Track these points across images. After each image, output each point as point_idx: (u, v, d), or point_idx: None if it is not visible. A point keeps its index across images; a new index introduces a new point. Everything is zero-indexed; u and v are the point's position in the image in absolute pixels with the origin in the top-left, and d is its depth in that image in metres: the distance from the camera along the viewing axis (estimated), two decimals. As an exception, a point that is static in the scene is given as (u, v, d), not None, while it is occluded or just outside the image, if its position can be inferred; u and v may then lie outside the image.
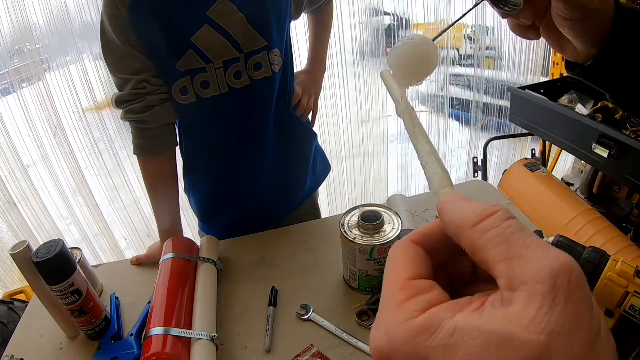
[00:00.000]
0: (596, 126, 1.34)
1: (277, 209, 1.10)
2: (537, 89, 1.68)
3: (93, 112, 1.71)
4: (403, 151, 2.30)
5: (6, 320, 1.31)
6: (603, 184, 1.71)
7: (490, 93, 2.22)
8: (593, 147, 1.35)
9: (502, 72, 2.19)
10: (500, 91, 2.20)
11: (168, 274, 0.79)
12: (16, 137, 1.68)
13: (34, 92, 1.61)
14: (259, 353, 0.73)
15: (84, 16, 1.54)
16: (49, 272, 0.70)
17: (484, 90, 2.21)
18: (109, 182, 1.87)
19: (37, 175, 1.80)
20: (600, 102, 1.57)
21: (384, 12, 1.89)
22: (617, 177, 1.41)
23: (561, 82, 1.75)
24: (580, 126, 1.42)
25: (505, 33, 2.10)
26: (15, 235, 1.78)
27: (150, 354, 0.64)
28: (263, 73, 0.88)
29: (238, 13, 0.81)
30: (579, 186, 1.83)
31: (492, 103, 2.24)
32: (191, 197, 1.09)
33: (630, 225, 1.59)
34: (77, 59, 1.61)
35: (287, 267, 0.91)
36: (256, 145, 0.97)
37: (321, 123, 1.98)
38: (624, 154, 1.27)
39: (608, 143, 1.30)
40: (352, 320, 0.76)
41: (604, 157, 1.33)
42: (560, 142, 1.56)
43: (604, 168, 1.42)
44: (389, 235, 0.76)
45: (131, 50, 0.80)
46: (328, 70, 1.85)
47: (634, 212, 1.61)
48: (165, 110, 0.86)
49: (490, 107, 2.26)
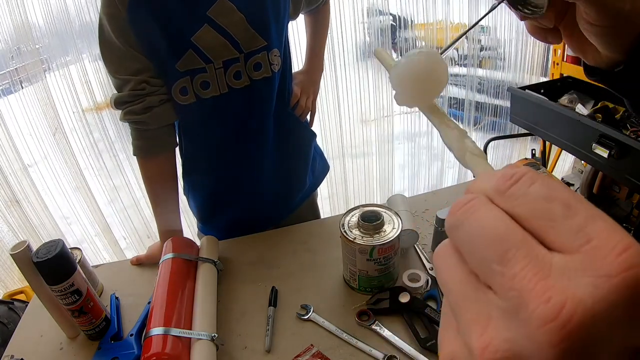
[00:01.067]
0: (596, 126, 1.34)
1: (277, 209, 1.10)
2: (537, 89, 1.68)
3: (92, 113, 1.71)
4: (404, 151, 2.30)
5: (6, 320, 1.31)
6: (603, 184, 1.71)
7: (489, 93, 2.22)
8: (593, 147, 1.35)
9: (501, 72, 2.19)
10: (500, 91, 2.20)
11: (168, 274, 0.79)
12: (17, 137, 1.68)
13: (34, 92, 1.61)
14: (258, 353, 0.73)
15: (84, 16, 1.53)
16: (49, 272, 0.70)
17: (484, 90, 2.21)
18: (109, 183, 1.87)
19: (38, 175, 1.81)
20: (600, 102, 1.57)
21: (385, 12, 1.89)
22: (617, 177, 1.41)
23: (561, 82, 1.75)
24: (580, 126, 1.42)
25: (505, 33, 2.10)
26: (16, 235, 1.78)
27: (150, 354, 0.64)
28: (262, 73, 0.88)
29: (237, 13, 0.81)
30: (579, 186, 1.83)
31: (492, 103, 2.24)
32: (190, 198, 1.08)
33: (630, 225, 1.59)
34: (77, 59, 1.61)
35: (287, 267, 0.91)
36: (256, 145, 0.97)
37: (322, 123, 1.98)
38: (624, 154, 1.27)
39: (608, 143, 1.30)
40: (352, 320, 0.76)
41: (604, 157, 1.33)
42: (560, 142, 1.56)
43: (604, 168, 1.42)
44: (389, 235, 0.76)
45: (130, 50, 0.80)
46: (329, 70, 1.86)
47: (634, 212, 1.61)
48: (164, 111, 0.86)
49: (490, 107, 2.26)
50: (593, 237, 0.15)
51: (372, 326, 0.74)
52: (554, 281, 0.15)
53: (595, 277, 0.14)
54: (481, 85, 2.19)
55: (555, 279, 0.15)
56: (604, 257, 0.14)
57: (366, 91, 2.00)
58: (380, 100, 2.04)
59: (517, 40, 2.09)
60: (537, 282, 0.15)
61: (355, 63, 1.94)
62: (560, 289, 0.14)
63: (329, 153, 2.02)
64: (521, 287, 0.15)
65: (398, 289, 0.78)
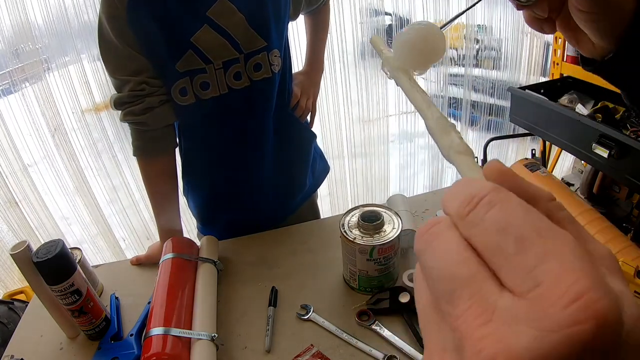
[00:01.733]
0: (596, 126, 1.34)
1: (277, 209, 1.10)
2: (537, 89, 1.68)
3: (92, 113, 1.71)
4: (403, 151, 2.30)
5: (6, 320, 1.31)
6: (603, 184, 1.71)
7: (489, 93, 2.22)
8: (593, 147, 1.35)
9: (501, 72, 2.19)
10: (500, 91, 2.20)
11: (168, 274, 0.79)
12: (17, 137, 1.68)
13: (34, 92, 1.61)
14: (258, 353, 0.73)
15: (83, 16, 1.53)
16: (49, 272, 0.70)
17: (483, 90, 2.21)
18: (108, 183, 1.87)
19: (38, 175, 1.80)
20: (600, 102, 1.57)
21: (384, 12, 1.89)
22: (617, 177, 1.41)
23: (561, 82, 1.75)
24: (580, 126, 1.42)
25: (505, 32, 2.10)
26: (16, 235, 1.78)
27: (150, 354, 0.64)
28: (263, 74, 0.88)
29: (237, 13, 0.81)
30: (579, 186, 1.83)
31: (492, 103, 2.24)
32: (190, 199, 1.08)
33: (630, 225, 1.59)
34: (76, 60, 1.61)
35: (287, 267, 0.91)
36: (255, 145, 0.97)
37: (322, 123, 1.98)
38: (624, 154, 1.27)
39: (608, 143, 1.30)
40: (352, 320, 0.76)
41: (604, 157, 1.33)
42: (560, 142, 1.56)
43: (604, 168, 1.42)
44: (389, 235, 0.76)
45: (130, 50, 0.79)
46: (329, 71, 1.86)
47: (634, 212, 1.61)
48: (164, 112, 0.86)
49: (490, 107, 2.26)
50: (542, 280, 0.14)
51: (372, 326, 0.74)
52: (493, 328, 0.14)
53: (537, 329, 0.13)
54: (481, 85, 2.19)
55: (496, 325, 0.14)
56: (549, 307, 0.13)
57: (366, 91, 2.00)
58: (380, 101, 2.04)
59: (517, 40, 2.09)
60: (476, 327, 0.14)
61: (355, 63, 1.94)
62: (497, 338, 0.14)
63: (329, 153, 2.02)
64: (463, 330, 0.15)
65: (398, 289, 0.78)
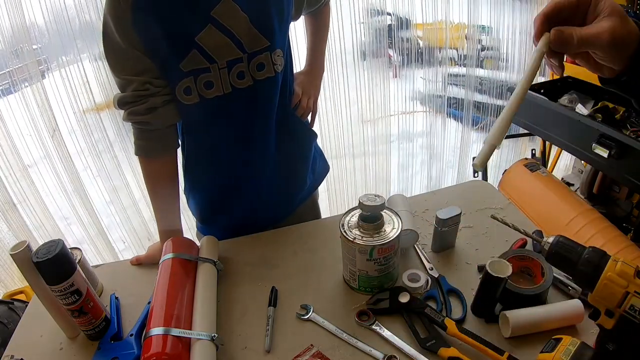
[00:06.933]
0: (596, 126, 1.34)
1: (277, 209, 1.10)
2: (537, 89, 1.69)
3: (92, 113, 1.71)
4: (403, 151, 2.30)
5: (6, 320, 1.31)
6: (603, 184, 1.72)
7: (489, 93, 2.22)
8: (593, 147, 1.36)
9: (501, 72, 2.19)
10: (500, 91, 2.20)
11: (168, 274, 0.79)
12: (17, 137, 1.67)
13: (34, 92, 1.61)
14: (258, 353, 0.73)
15: (84, 16, 1.53)
16: (49, 272, 0.70)
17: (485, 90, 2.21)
18: (108, 184, 1.87)
19: (38, 175, 1.80)
20: (600, 102, 1.57)
21: (385, 12, 1.89)
22: (617, 177, 1.41)
23: (561, 82, 1.75)
24: (580, 126, 1.42)
25: (505, 33, 2.10)
26: (15, 235, 1.78)
27: (150, 354, 0.64)
28: (265, 73, 0.88)
29: (241, 13, 0.81)
30: (579, 186, 1.83)
31: (492, 103, 2.24)
32: (191, 197, 1.08)
33: (630, 225, 1.59)
34: (76, 60, 1.61)
35: (287, 267, 0.91)
36: (257, 145, 0.97)
37: (322, 123, 1.98)
38: (624, 154, 1.27)
39: (608, 143, 1.30)
40: (352, 320, 0.76)
41: (604, 157, 1.33)
42: (560, 142, 1.56)
43: (604, 168, 1.42)
44: (389, 235, 0.76)
45: (134, 50, 0.79)
46: (329, 70, 1.86)
47: (634, 212, 1.61)
48: (168, 112, 0.86)
49: (489, 107, 2.26)
50: None
51: (372, 326, 0.74)
52: None
53: None
54: (482, 85, 2.19)
55: None
56: None
57: (365, 91, 2.00)
58: (380, 101, 2.04)
59: (519, 41, 2.09)
60: None
61: (355, 63, 1.94)
62: None
63: (329, 153, 2.02)
64: None
65: (398, 289, 0.78)
